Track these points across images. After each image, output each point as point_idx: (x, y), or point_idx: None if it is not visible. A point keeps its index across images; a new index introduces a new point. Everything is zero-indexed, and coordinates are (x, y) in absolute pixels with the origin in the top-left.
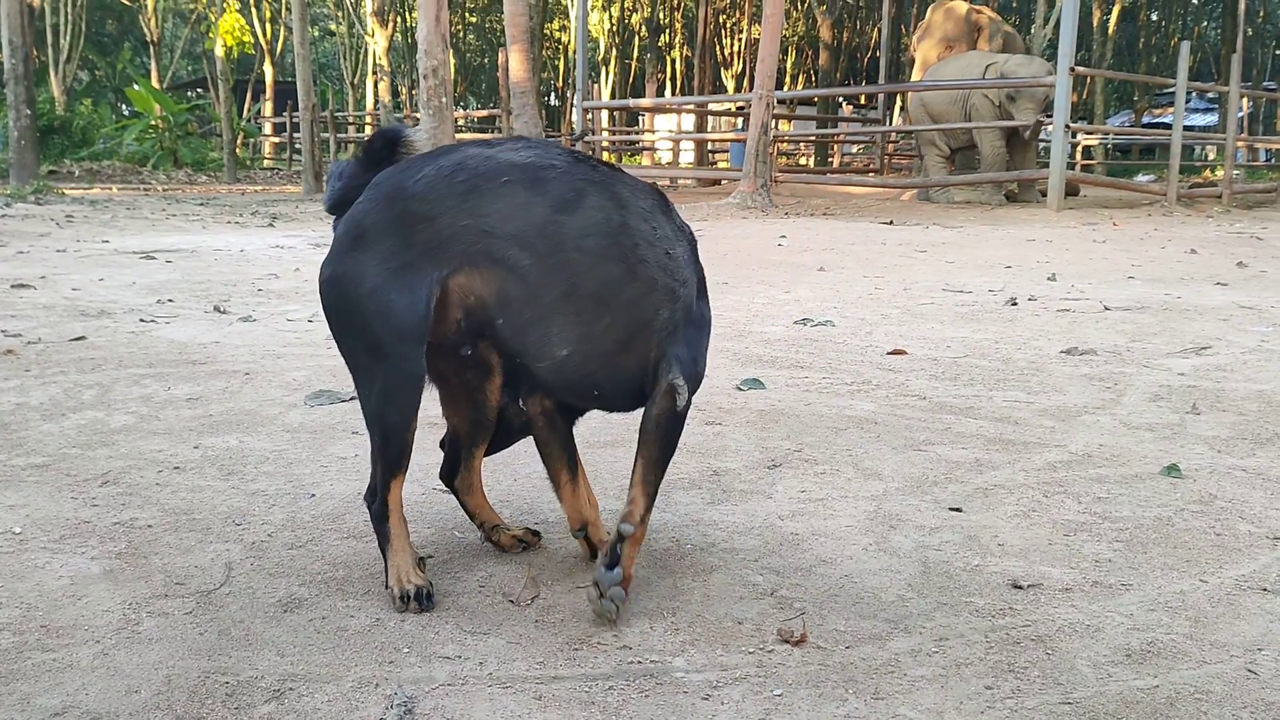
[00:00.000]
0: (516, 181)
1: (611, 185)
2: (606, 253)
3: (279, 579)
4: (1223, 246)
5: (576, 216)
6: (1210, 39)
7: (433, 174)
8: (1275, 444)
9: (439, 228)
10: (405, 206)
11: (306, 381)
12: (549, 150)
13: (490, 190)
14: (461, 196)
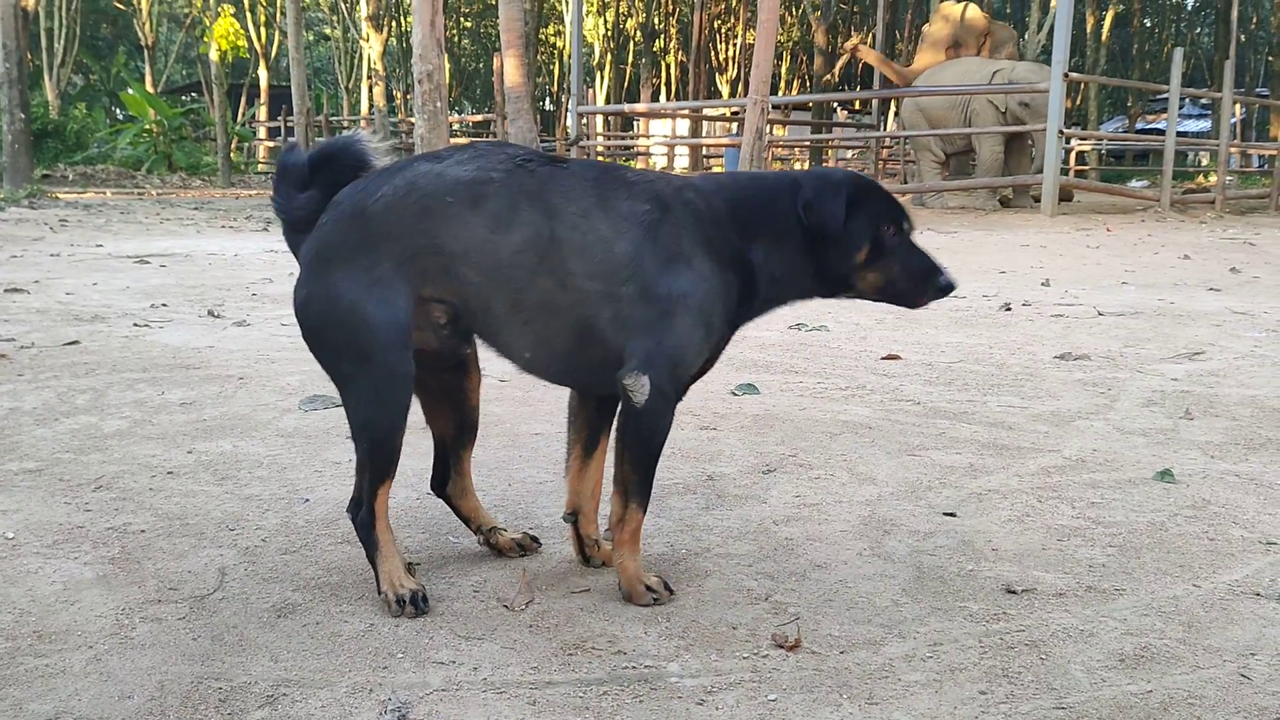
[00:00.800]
0: (460, 201)
1: (544, 194)
2: (537, 267)
3: (273, 584)
4: (1216, 252)
5: (510, 235)
6: (1203, 45)
7: (389, 194)
8: (1268, 449)
9: (401, 246)
10: (368, 227)
11: (301, 386)
12: (491, 158)
13: (439, 210)
14: (416, 217)
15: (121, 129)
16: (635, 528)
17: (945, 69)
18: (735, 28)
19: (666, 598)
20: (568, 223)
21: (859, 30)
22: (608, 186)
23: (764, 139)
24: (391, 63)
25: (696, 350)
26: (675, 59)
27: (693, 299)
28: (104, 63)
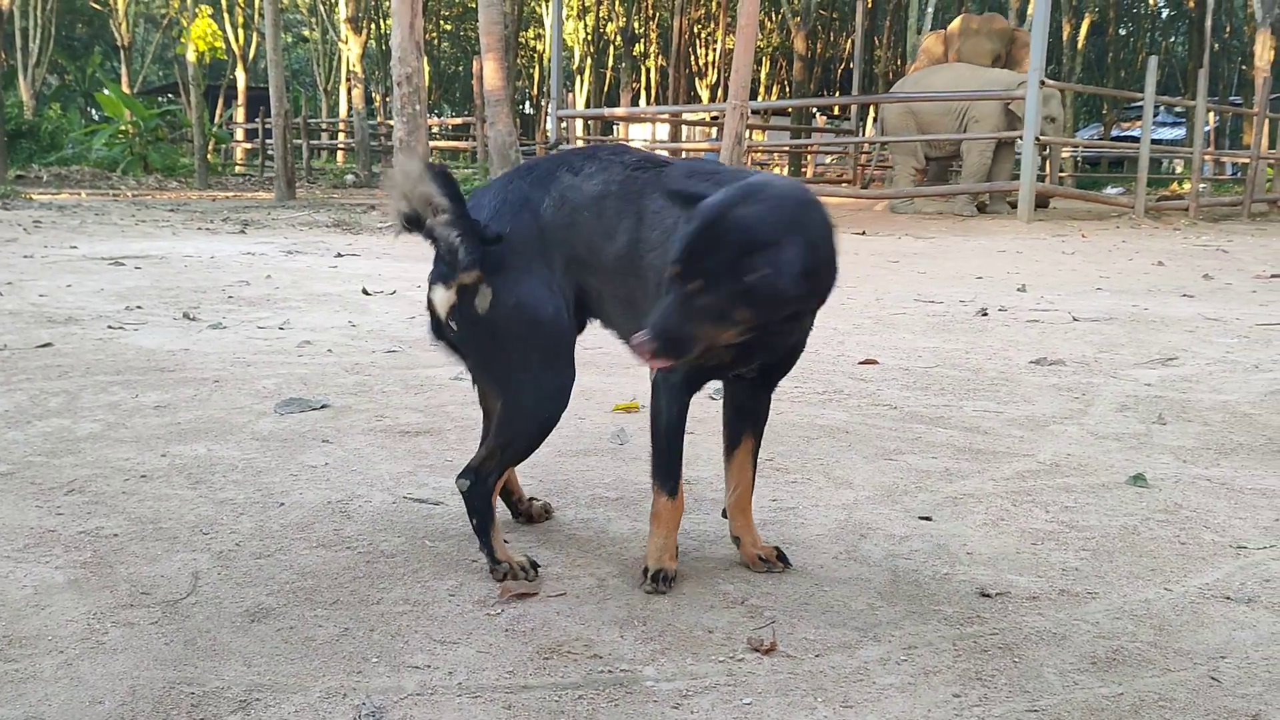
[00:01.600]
0: (591, 214)
1: (640, 198)
2: (630, 268)
3: (246, 588)
4: (1189, 259)
5: (615, 242)
6: (1177, 54)
7: (551, 206)
8: (1239, 454)
9: (561, 254)
10: (544, 235)
11: (277, 389)
12: (612, 170)
13: (579, 223)
14: (566, 229)
15: (97, 130)
16: (656, 510)
17: (935, 74)
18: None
19: (649, 587)
20: (648, 222)
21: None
22: (687, 179)
23: (743, 144)
24: (370, 65)
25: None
26: (655, 63)
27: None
28: (79, 63)
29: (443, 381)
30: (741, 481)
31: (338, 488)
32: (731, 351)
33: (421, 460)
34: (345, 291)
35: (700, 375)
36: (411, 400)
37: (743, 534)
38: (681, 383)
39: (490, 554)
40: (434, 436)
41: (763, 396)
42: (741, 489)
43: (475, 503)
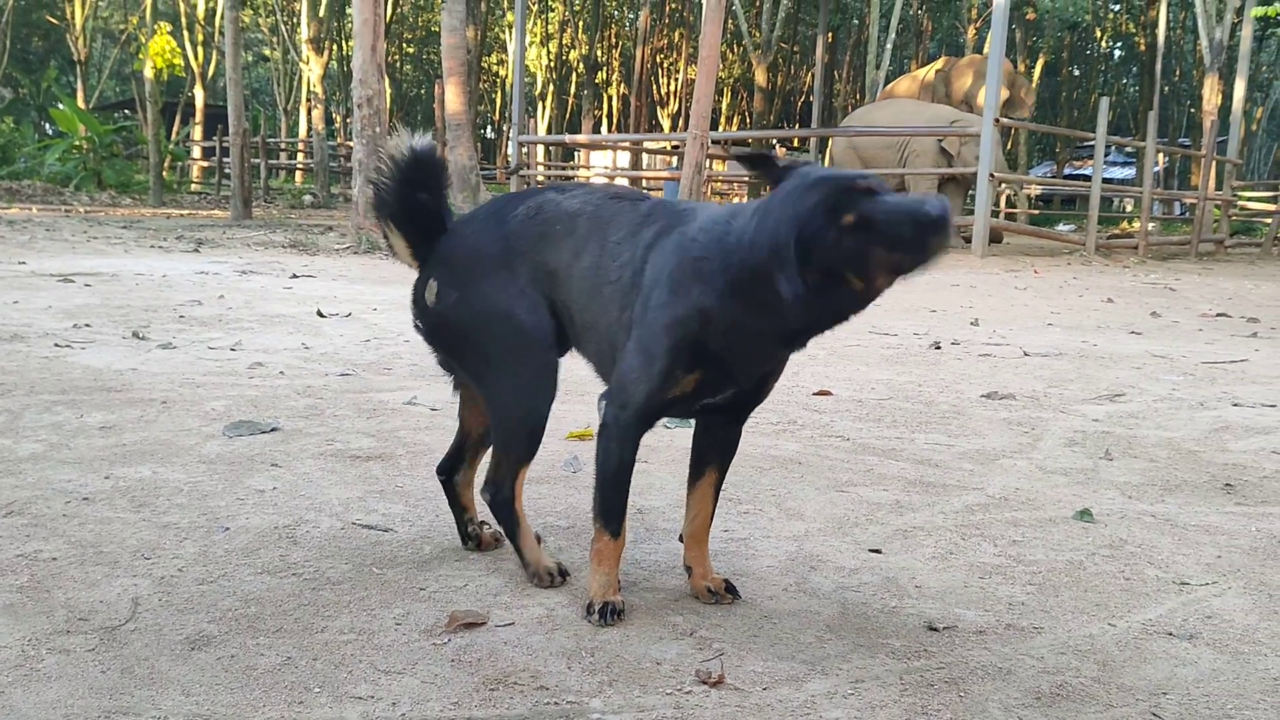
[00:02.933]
0: (564, 228)
1: (607, 226)
2: (590, 291)
3: (187, 615)
4: (1138, 296)
5: (581, 261)
6: (1129, 95)
7: (522, 214)
8: (1183, 491)
9: (529, 262)
10: (507, 242)
11: (226, 411)
12: (596, 194)
13: (550, 235)
14: (537, 239)
15: (50, 144)
16: (599, 548)
17: (880, 109)
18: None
19: (597, 621)
20: (608, 251)
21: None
22: (650, 216)
23: (703, 173)
24: (332, 86)
25: (636, 377)
26: (618, 91)
27: (640, 327)
28: (34, 77)
29: (395, 406)
30: (701, 512)
31: (285, 513)
32: (696, 382)
33: (371, 486)
34: (299, 313)
35: (658, 410)
36: (363, 424)
37: (695, 564)
38: (635, 421)
39: (521, 558)
40: (385, 461)
41: (733, 430)
42: (700, 519)
43: (499, 513)
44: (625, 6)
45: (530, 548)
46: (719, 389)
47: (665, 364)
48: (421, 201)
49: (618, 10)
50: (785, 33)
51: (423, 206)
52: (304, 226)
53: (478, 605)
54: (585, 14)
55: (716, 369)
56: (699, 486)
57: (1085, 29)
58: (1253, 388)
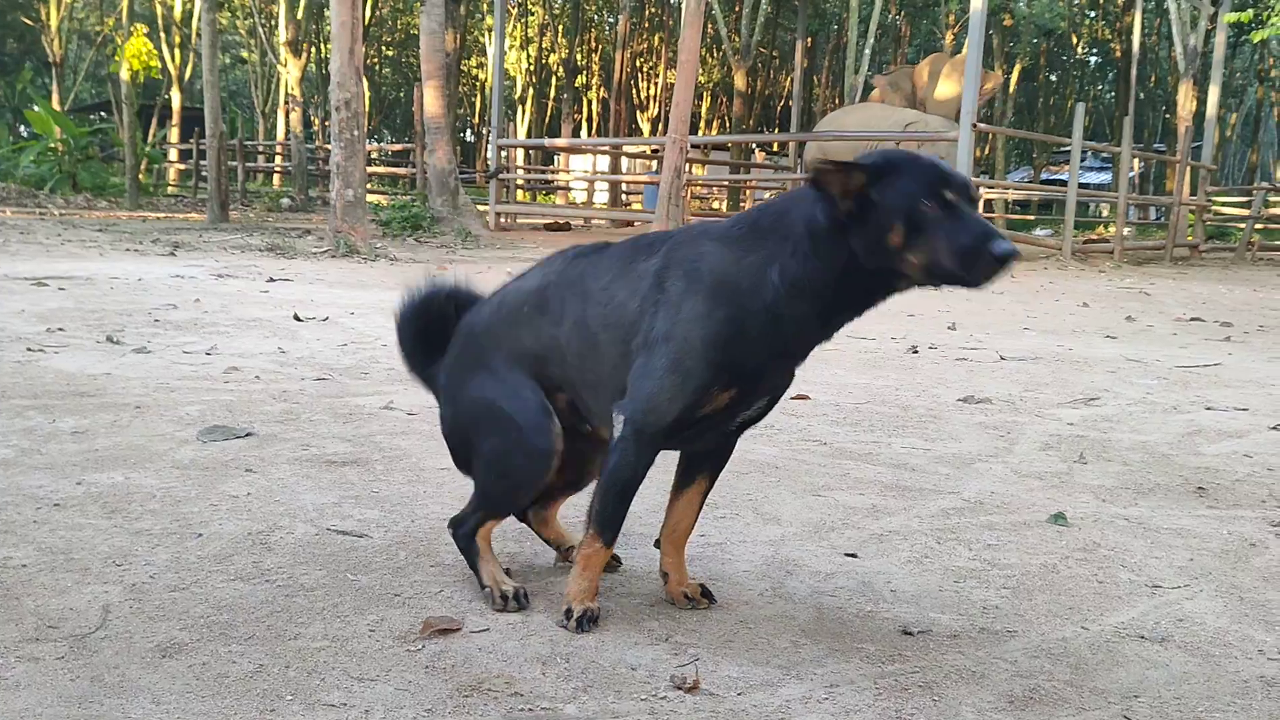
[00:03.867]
0: (532, 307)
1: (583, 280)
2: (586, 348)
3: (159, 623)
4: (1113, 301)
5: (563, 325)
6: (1105, 101)
7: (488, 313)
8: (1156, 494)
9: (507, 351)
10: (480, 343)
11: (200, 416)
12: (553, 263)
13: (521, 318)
14: (509, 326)
15: (24, 147)
16: (589, 554)
17: (849, 114)
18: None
19: (574, 627)
20: (596, 300)
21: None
22: (635, 251)
23: (682, 177)
24: (310, 88)
25: (670, 395)
26: (597, 95)
27: (671, 342)
28: (9, 78)
29: (372, 411)
30: (684, 519)
31: (259, 519)
32: (730, 399)
33: (347, 491)
34: (276, 317)
35: (686, 427)
36: (339, 430)
37: (672, 570)
38: (660, 436)
39: (479, 581)
40: (361, 467)
41: (732, 440)
42: (682, 527)
43: (458, 543)
44: (605, 11)
45: (489, 573)
46: (746, 404)
47: (703, 380)
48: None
49: (597, 14)
50: (764, 37)
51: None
52: (281, 230)
53: (452, 611)
54: (565, 18)
55: (750, 381)
56: (685, 494)
57: (1062, 35)
58: (1225, 391)
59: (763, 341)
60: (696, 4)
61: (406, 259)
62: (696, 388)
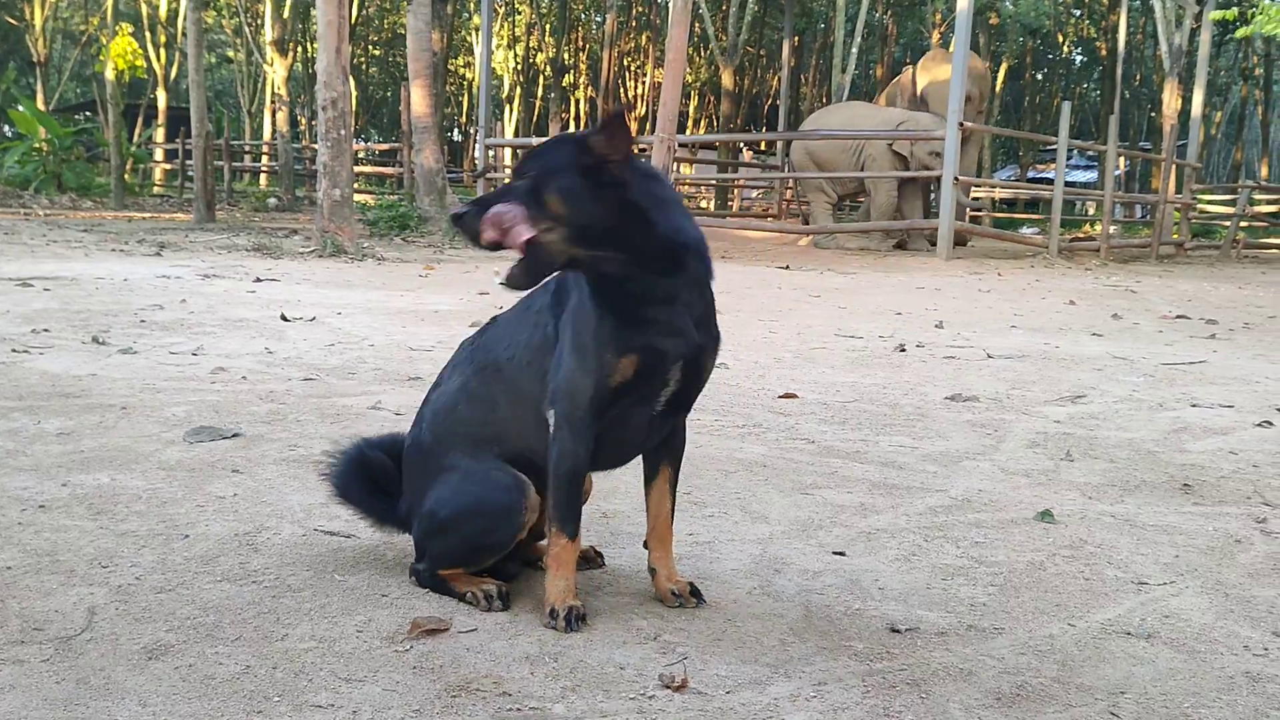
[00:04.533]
0: (462, 402)
1: (490, 359)
2: (522, 403)
3: (145, 624)
4: (1099, 299)
5: (499, 403)
6: (1090, 99)
7: (428, 425)
8: (1142, 491)
9: (463, 445)
10: (433, 450)
11: (187, 417)
12: (459, 354)
13: (455, 414)
14: (449, 425)
15: (9, 147)
16: (557, 552)
17: (832, 113)
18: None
19: (561, 626)
20: (508, 356)
21: (766, 74)
22: (527, 299)
23: (670, 176)
24: (296, 88)
25: (579, 373)
26: (585, 94)
27: (569, 330)
28: None
29: (360, 411)
30: (660, 509)
31: (246, 519)
32: (635, 367)
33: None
34: (263, 317)
35: (608, 403)
36: (326, 430)
37: (659, 566)
38: (587, 417)
39: (454, 594)
40: None
41: (680, 426)
42: (660, 519)
43: (422, 585)
44: (592, 10)
45: (464, 584)
46: (658, 376)
47: (600, 351)
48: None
49: (584, 13)
50: (751, 37)
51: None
52: (268, 230)
53: (440, 611)
54: (552, 17)
55: (646, 352)
56: (654, 485)
57: (1047, 34)
58: (1211, 389)
59: (629, 314)
60: (684, 3)
61: (394, 259)
62: (598, 359)
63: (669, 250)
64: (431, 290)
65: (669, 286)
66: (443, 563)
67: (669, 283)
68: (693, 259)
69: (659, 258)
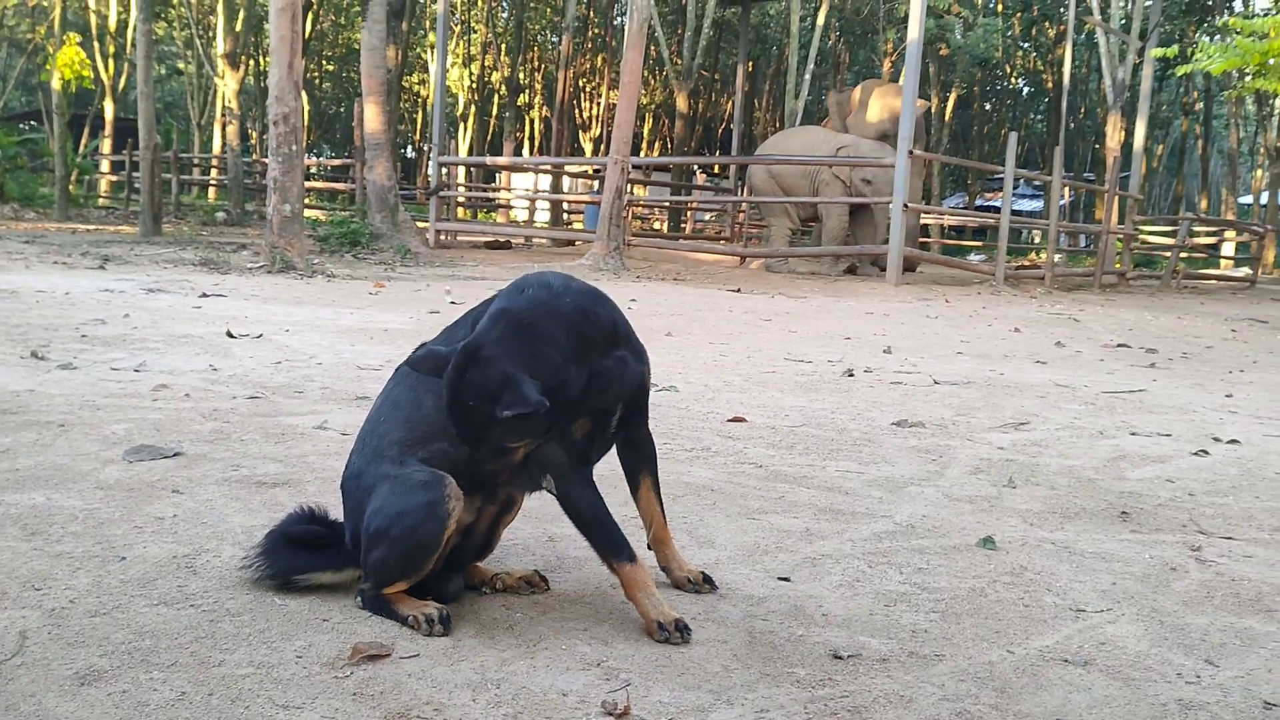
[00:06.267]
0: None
1: (410, 374)
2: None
3: (78, 649)
4: (1043, 326)
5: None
6: (1037, 130)
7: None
8: (1081, 518)
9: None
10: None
11: (127, 435)
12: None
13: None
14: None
15: None
16: (629, 580)
17: (792, 137)
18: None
19: (678, 639)
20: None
21: (720, 97)
22: (450, 327)
23: (624, 198)
24: (248, 101)
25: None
26: (540, 114)
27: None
28: None
29: (305, 430)
30: (652, 513)
31: (185, 541)
32: (586, 428)
33: (277, 513)
34: (208, 333)
35: (583, 455)
36: (271, 449)
37: (669, 563)
38: (578, 461)
39: (395, 617)
40: (292, 488)
41: (641, 433)
42: (656, 523)
43: (367, 606)
44: (548, 30)
45: (405, 606)
46: (608, 416)
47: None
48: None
49: (541, 34)
50: (706, 61)
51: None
52: (216, 244)
53: (382, 636)
54: (508, 36)
55: (595, 411)
56: (640, 495)
57: (996, 65)
58: (1149, 417)
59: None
60: (639, 26)
61: (344, 275)
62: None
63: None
64: (381, 308)
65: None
66: (384, 575)
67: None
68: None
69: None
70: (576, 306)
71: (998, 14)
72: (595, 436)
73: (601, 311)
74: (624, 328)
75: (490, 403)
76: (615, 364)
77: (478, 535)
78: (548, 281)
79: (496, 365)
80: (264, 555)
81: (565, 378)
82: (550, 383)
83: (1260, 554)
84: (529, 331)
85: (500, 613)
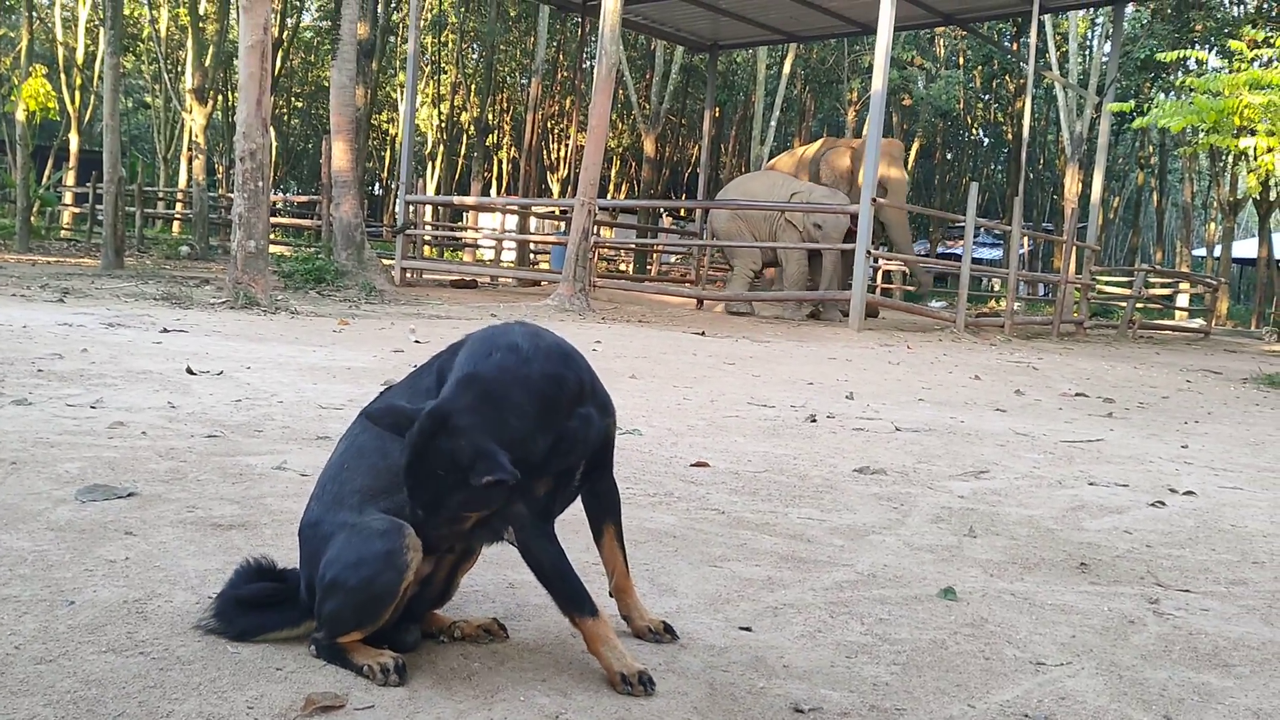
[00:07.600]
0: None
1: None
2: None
3: (21, 698)
4: (1003, 374)
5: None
6: (997, 180)
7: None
8: (1041, 569)
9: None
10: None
11: (80, 474)
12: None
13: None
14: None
15: None
16: (591, 634)
17: (754, 180)
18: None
19: (641, 692)
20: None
21: (687, 142)
22: (415, 374)
23: (590, 239)
24: (215, 136)
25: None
26: (508, 154)
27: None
28: None
29: (264, 471)
30: (614, 563)
31: (136, 585)
32: (549, 484)
33: (232, 556)
34: (168, 370)
35: (545, 509)
36: (228, 490)
37: (630, 612)
38: (540, 516)
39: (350, 666)
40: (248, 531)
41: (605, 483)
42: (618, 572)
43: (321, 655)
44: (518, 73)
45: (360, 655)
46: (571, 473)
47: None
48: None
49: (510, 76)
50: (674, 105)
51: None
52: (179, 278)
53: (337, 686)
54: (477, 78)
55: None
56: (604, 544)
57: (957, 117)
58: (1107, 467)
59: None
60: (608, 71)
61: (308, 312)
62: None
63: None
64: (345, 346)
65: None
66: (339, 625)
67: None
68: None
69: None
70: (544, 374)
71: (959, 67)
72: (558, 492)
73: (568, 375)
74: (590, 383)
75: (459, 471)
76: (580, 423)
77: (436, 584)
78: (515, 343)
79: (468, 436)
80: (217, 618)
81: (533, 446)
82: (518, 454)
83: (1216, 607)
84: (498, 403)
85: (458, 662)
